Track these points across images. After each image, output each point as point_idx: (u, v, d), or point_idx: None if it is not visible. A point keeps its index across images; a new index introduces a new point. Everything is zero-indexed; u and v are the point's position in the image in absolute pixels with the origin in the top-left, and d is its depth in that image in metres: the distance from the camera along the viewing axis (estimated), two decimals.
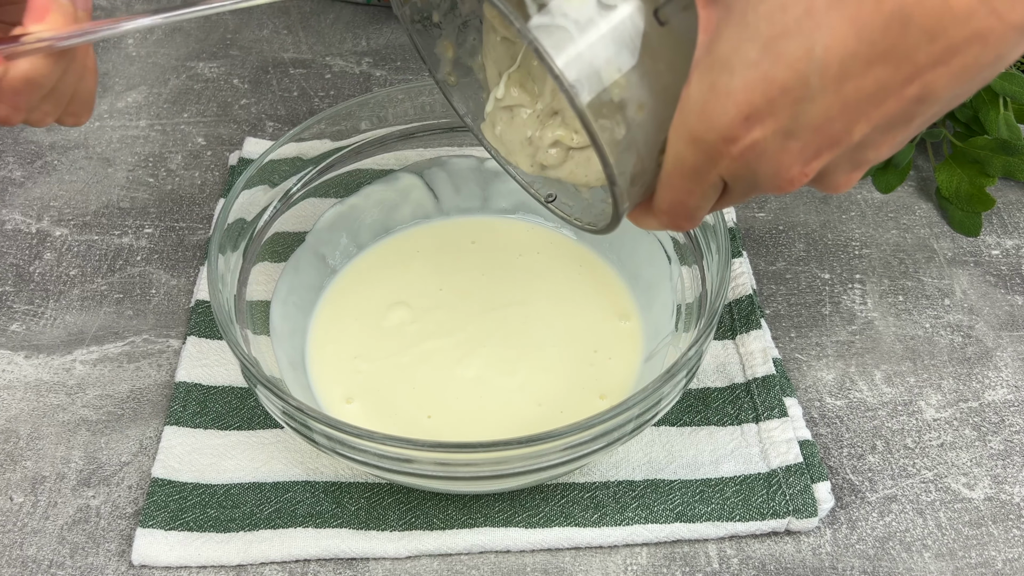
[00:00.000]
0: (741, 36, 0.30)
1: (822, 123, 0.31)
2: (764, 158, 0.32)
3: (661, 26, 0.33)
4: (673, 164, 0.34)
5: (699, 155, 0.33)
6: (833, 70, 0.29)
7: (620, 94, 0.34)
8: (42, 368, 0.54)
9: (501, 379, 0.50)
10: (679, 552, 0.45)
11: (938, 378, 0.53)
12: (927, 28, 0.28)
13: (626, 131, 0.34)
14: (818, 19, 0.28)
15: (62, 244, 0.61)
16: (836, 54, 0.29)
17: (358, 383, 0.50)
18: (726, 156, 0.32)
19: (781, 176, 0.32)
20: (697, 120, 0.32)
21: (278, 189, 0.52)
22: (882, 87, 0.29)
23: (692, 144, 0.32)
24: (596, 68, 0.33)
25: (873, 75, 0.29)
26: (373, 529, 0.45)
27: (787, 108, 0.30)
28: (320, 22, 0.80)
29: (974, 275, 0.58)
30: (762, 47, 0.29)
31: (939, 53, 0.28)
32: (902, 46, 0.28)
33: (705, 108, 0.31)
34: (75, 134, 0.69)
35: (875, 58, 0.29)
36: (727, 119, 0.31)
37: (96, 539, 0.46)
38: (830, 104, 0.30)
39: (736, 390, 0.51)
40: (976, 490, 0.48)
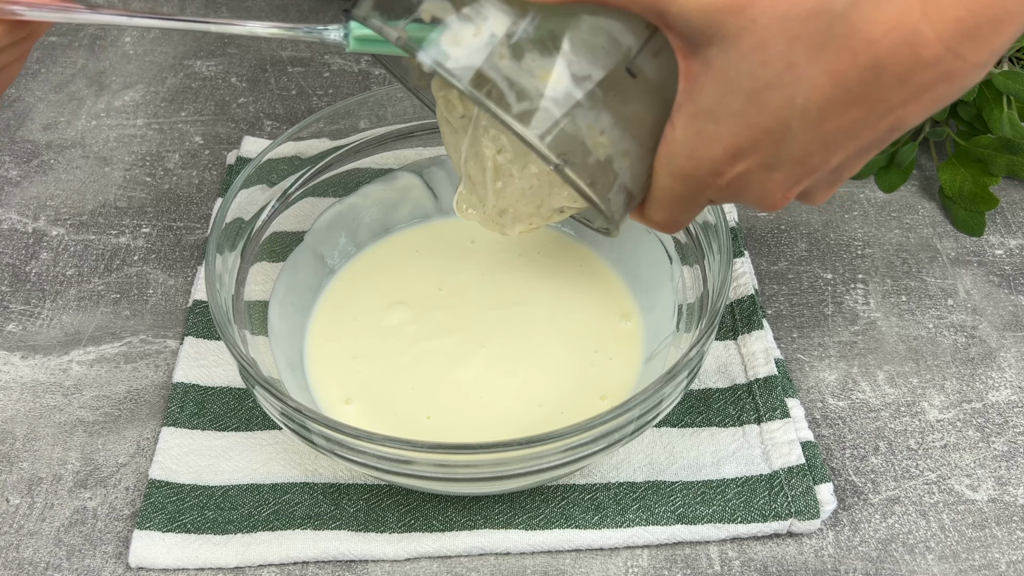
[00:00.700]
0: (723, 89, 0.32)
1: (802, 156, 0.34)
2: (749, 187, 0.36)
3: (633, 78, 0.36)
4: (662, 193, 0.37)
5: (687, 187, 0.36)
6: (813, 114, 0.32)
7: (605, 152, 0.36)
8: (38, 369, 0.54)
9: (501, 379, 0.50)
10: (680, 554, 0.45)
11: (941, 379, 0.53)
12: (898, 75, 0.31)
13: (615, 179, 0.37)
14: (798, 72, 0.31)
15: (59, 244, 0.61)
16: (815, 101, 0.32)
17: (357, 384, 0.50)
18: (713, 186, 0.36)
19: (764, 201, 0.36)
20: (685, 160, 0.35)
21: (276, 188, 0.52)
22: (858, 124, 0.33)
23: (680, 179, 0.36)
24: (580, 138, 0.36)
25: (849, 115, 0.32)
26: (372, 531, 0.45)
27: (770, 147, 0.34)
28: (318, 20, 0.80)
29: (978, 275, 0.58)
30: (745, 99, 0.32)
31: (909, 93, 0.31)
32: (876, 91, 0.31)
33: (693, 151, 0.34)
34: (72, 133, 0.69)
35: (851, 102, 0.32)
36: (714, 159, 0.34)
37: (93, 541, 0.46)
38: (810, 140, 0.33)
39: (738, 391, 0.51)
40: (980, 492, 0.48)
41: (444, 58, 0.34)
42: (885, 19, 0.29)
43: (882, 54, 0.30)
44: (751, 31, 0.31)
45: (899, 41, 0.30)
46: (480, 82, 0.35)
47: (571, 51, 0.35)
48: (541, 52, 0.35)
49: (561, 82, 0.35)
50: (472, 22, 0.34)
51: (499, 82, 0.35)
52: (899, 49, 0.30)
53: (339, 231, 0.56)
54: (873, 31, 0.30)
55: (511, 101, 0.35)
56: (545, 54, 0.35)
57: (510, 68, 0.35)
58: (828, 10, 0.30)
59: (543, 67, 0.35)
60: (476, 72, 0.35)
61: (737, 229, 0.60)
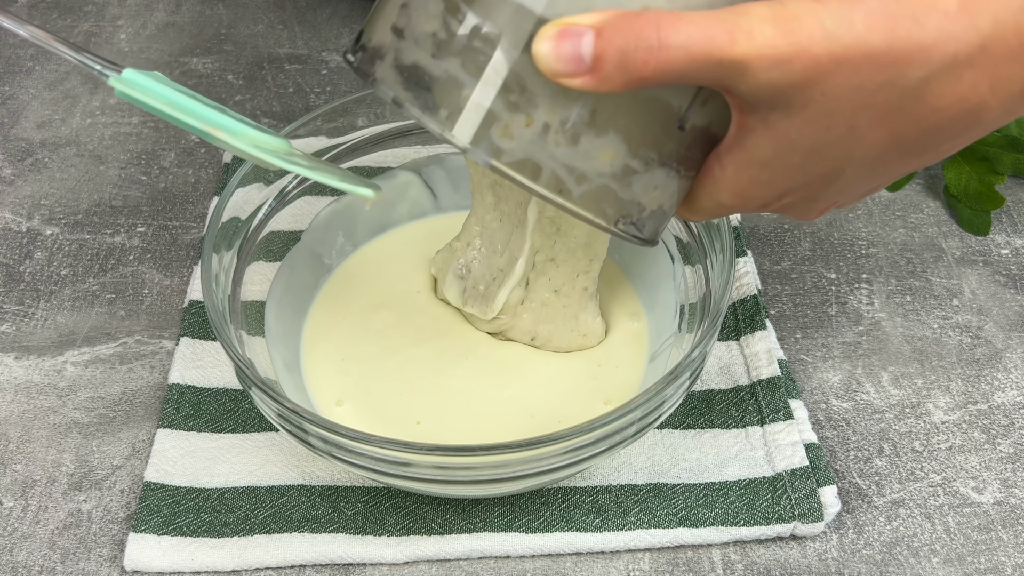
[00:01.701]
0: (782, 147, 0.33)
1: (846, 189, 0.36)
2: (789, 211, 0.38)
3: (682, 131, 0.35)
4: (700, 210, 0.38)
5: (727, 212, 0.38)
6: (868, 164, 0.34)
7: (658, 203, 0.37)
8: (32, 370, 0.54)
9: (491, 392, 0.50)
10: (682, 557, 0.45)
11: (946, 380, 0.53)
12: (955, 133, 0.33)
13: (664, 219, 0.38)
14: (860, 134, 0.32)
15: (53, 243, 0.61)
16: (873, 155, 0.33)
17: (347, 386, 0.50)
18: (756, 211, 0.38)
19: (800, 218, 0.39)
20: (732, 197, 0.36)
21: (273, 187, 0.52)
22: (905, 167, 0.35)
23: (723, 208, 0.37)
24: (636, 200, 0.36)
25: (901, 162, 0.34)
26: (370, 534, 0.45)
27: (819, 187, 0.35)
28: (316, 16, 0.80)
29: (983, 275, 0.58)
30: (804, 156, 0.33)
31: (959, 143, 0.34)
32: (932, 145, 0.33)
33: (742, 191, 0.35)
34: (66, 131, 0.69)
35: (906, 155, 0.34)
36: (763, 199, 0.36)
37: (88, 544, 0.46)
38: (858, 180, 0.35)
39: (740, 392, 0.51)
40: (985, 494, 0.48)
41: (497, 154, 0.33)
42: (954, 94, 0.31)
43: (945, 120, 0.32)
44: (819, 103, 0.31)
45: (964, 111, 0.31)
46: (536, 171, 0.34)
47: (626, 127, 0.34)
48: (597, 134, 0.34)
49: (619, 158, 0.34)
50: (522, 111, 0.33)
51: (557, 170, 0.34)
52: (963, 116, 0.31)
53: (337, 230, 0.56)
54: (941, 103, 0.31)
55: (571, 186, 0.34)
56: (600, 135, 0.34)
57: (566, 155, 0.33)
58: (900, 85, 0.30)
59: (600, 147, 0.34)
60: (532, 164, 0.33)
61: (740, 228, 0.60)
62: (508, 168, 0.33)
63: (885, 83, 0.30)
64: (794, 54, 0.29)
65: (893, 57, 0.29)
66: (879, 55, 0.29)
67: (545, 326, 0.50)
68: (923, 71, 0.30)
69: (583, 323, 0.51)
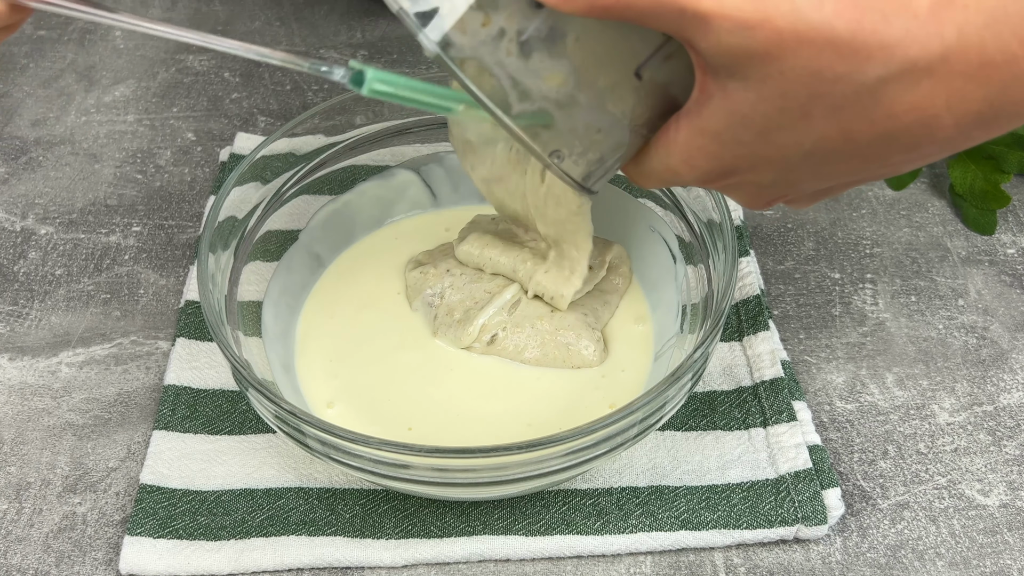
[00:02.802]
0: (735, 121, 0.33)
1: (794, 181, 0.36)
2: (734, 192, 0.38)
3: (639, 80, 0.36)
4: (650, 172, 0.39)
5: (675, 179, 0.38)
6: (816, 157, 0.34)
7: (600, 150, 0.38)
8: (27, 371, 0.54)
9: (483, 401, 0.49)
10: (684, 561, 0.45)
11: (952, 381, 0.53)
12: (908, 144, 0.33)
13: (606, 171, 0.39)
14: (813, 124, 0.32)
15: (47, 243, 0.61)
16: (822, 149, 0.33)
17: (336, 388, 0.50)
18: (699, 185, 0.38)
19: (746, 204, 0.39)
20: (681, 163, 0.36)
21: (270, 186, 0.52)
22: (856, 171, 0.35)
23: (671, 172, 0.37)
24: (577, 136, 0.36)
25: (850, 164, 0.34)
26: (368, 537, 0.45)
27: (766, 172, 0.35)
28: (314, 14, 0.80)
29: (989, 275, 0.58)
30: (755, 135, 0.33)
31: (913, 157, 0.34)
32: (882, 153, 0.33)
33: (690, 158, 0.36)
34: (61, 129, 0.69)
35: (856, 156, 0.34)
36: (709, 171, 0.36)
37: (82, 547, 0.46)
38: (806, 173, 0.35)
39: (743, 393, 0.51)
40: (991, 497, 0.48)
41: (447, 46, 0.34)
42: (910, 101, 0.31)
43: (898, 128, 0.32)
44: (776, 80, 0.31)
45: (918, 121, 0.31)
46: (480, 75, 0.35)
47: (581, 56, 0.35)
48: (550, 54, 0.34)
49: (566, 86, 0.35)
50: (482, 10, 0.34)
51: (503, 79, 0.35)
52: (916, 127, 0.31)
53: (334, 230, 0.56)
54: (896, 108, 0.31)
55: (512, 100, 0.35)
56: (554, 56, 0.35)
57: (515, 66, 0.34)
58: (858, 80, 0.30)
59: (550, 69, 0.35)
60: (479, 66, 0.34)
61: (742, 228, 0.60)
62: (453, 64, 0.34)
63: (844, 75, 0.30)
64: (758, 22, 0.30)
65: (855, 48, 0.30)
66: (841, 44, 0.30)
67: (533, 352, 0.50)
68: (882, 70, 0.30)
69: (574, 354, 0.50)
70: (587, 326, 0.50)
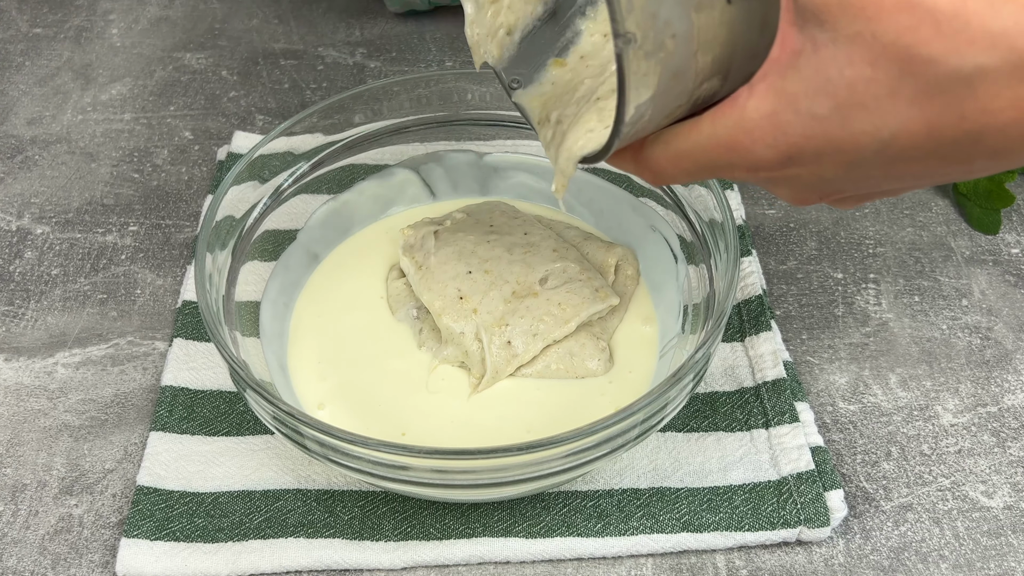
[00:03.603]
0: (817, 85, 0.30)
1: (857, 180, 0.33)
2: (786, 187, 0.34)
3: (728, 3, 0.33)
4: (693, 148, 0.34)
5: (722, 161, 0.34)
6: (892, 152, 0.31)
7: (663, 62, 0.33)
8: (22, 371, 0.54)
9: (481, 408, 0.49)
10: (686, 563, 0.45)
11: (955, 382, 0.53)
12: (996, 149, 0.30)
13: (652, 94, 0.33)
14: (898, 108, 0.30)
15: (43, 242, 0.61)
16: (901, 142, 0.30)
17: (326, 390, 0.50)
18: (748, 173, 0.34)
19: (792, 199, 0.35)
20: (743, 134, 0.33)
21: (268, 185, 0.52)
22: (929, 173, 0.32)
23: (724, 148, 0.33)
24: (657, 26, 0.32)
25: (925, 164, 0.31)
26: (367, 539, 0.45)
27: (832, 164, 0.32)
28: (312, 11, 0.80)
29: (993, 275, 0.58)
30: (834, 107, 0.30)
31: (994, 164, 0.31)
32: (965, 155, 0.30)
33: (755, 130, 0.32)
34: (57, 128, 0.69)
35: (935, 156, 0.31)
36: (771, 153, 0.32)
37: (79, 549, 0.46)
38: (874, 171, 0.32)
39: (745, 394, 0.51)
40: (995, 498, 0.48)
41: None
42: (1009, 96, 0.28)
43: (991, 127, 0.29)
44: (868, 43, 0.29)
45: (1013, 120, 0.29)
46: None
47: None
48: None
49: None
50: None
51: None
52: (1010, 127, 0.29)
53: (333, 229, 0.56)
54: (992, 104, 0.29)
55: None
56: None
57: None
58: (955, 65, 0.28)
59: None
60: None
61: (744, 227, 0.60)
62: None
63: (940, 56, 0.28)
64: None
65: (956, 28, 0.27)
66: (943, 20, 0.27)
67: (536, 366, 0.50)
68: (983, 58, 0.28)
69: (578, 366, 0.50)
70: (592, 337, 0.50)
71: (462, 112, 0.57)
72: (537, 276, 0.51)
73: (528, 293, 0.50)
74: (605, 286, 0.51)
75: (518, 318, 0.49)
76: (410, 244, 0.53)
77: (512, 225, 0.54)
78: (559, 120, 0.41)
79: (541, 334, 0.49)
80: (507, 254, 0.51)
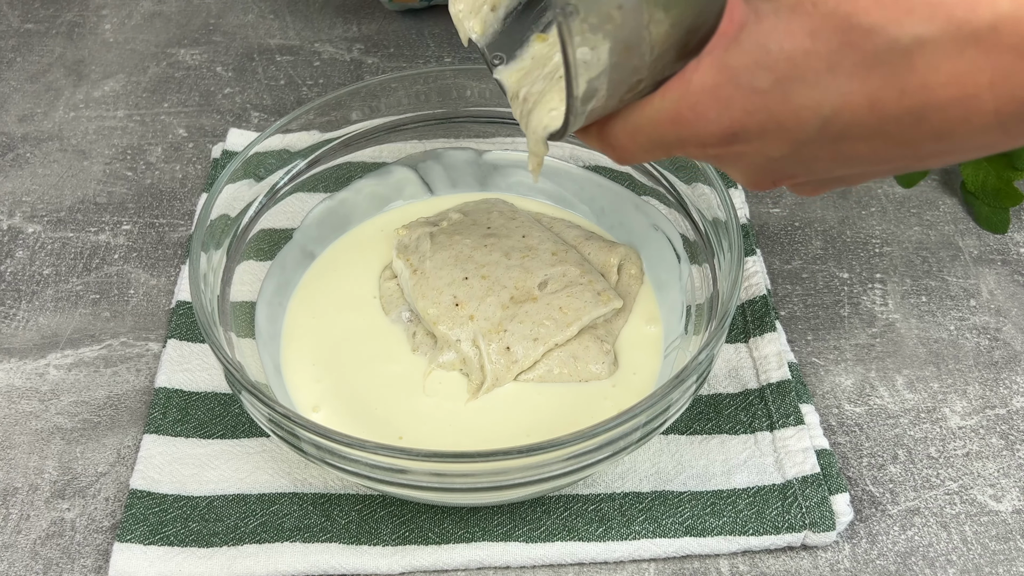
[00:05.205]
0: (758, 58, 0.30)
1: (805, 160, 0.33)
2: (737, 164, 0.34)
3: None
4: (645, 124, 0.35)
5: (673, 135, 0.34)
6: (834, 129, 0.31)
7: (609, 34, 0.33)
8: (14, 373, 0.54)
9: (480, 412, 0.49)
10: (689, 568, 0.45)
11: (963, 383, 0.53)
12: (939, 129, 0.29)
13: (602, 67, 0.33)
14: (838, 81, 0.29)
15: (35, 241, 0.61)
16: (843, 119, 0.30)
17: (320, 392, 0.50)
18: (697, 149, 0.34)
19: (746, 181, 0.35)
20: (687, 109, 0.33)
21: (264, 183, 0.52)
22: (876, 155, 0.32)
23: (672, 124, 0.34)
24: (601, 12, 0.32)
25: (871, 145, 0.31)
26: (364, 544, 0.45)
27: (775, 141, 0.32)
28: (308, 6, 0.80)
29: (1001, 274, 0.58)
30: (774, 81, 0.30)
31: (941, 148, 0.30)
32: (909, 135, 0.30)
33: (698, 104, 0.32)
34: (49, 125, 0.69)
35: (879, 135, 0.30)
36: (714, 128, 0.32)
37: (71, 554, 0.46)
38: (819, 150, 0.32)
39: (749, 396, 0.51)
40: (1004, 502, 0.48)
41: None
42: (948, 71, 0.28)
43: (931, 103, 0.29)
44: (808, 14, 0.29)
45: (953, 98, 0.28)
46: None
47: None
48: None
49: None
50: None
51: None
52: (951, 106, 0.29)
53: (330, 228, 0.56)
54: (931, 78, 0.28)
55: None
56: None
57: None
58: (893, 35, 0.28)
59: None
60: None
61: (749, 226, 0.60)
62: None
63: (878, 26, 0.28)
64: None
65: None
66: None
67: (538, 370, 0.49)
68: (921, 28, 0.28)
69: (582, 370, 0.49)
70: (596, 339, 0.50)
71: (461, 109, 0.57)
72: (536, 281, 0.50)
73: (527, 298, 0.50)
74: (608, 288, 0.51)
75: (517, 323, 0.49)
76: (404, 245, 0.53)
77: (510, 227, 0.54)
78: (525, 98, 0.41)
79: (542, 338, 0.49)
80: (504, 259, 0.51)
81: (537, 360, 0.49)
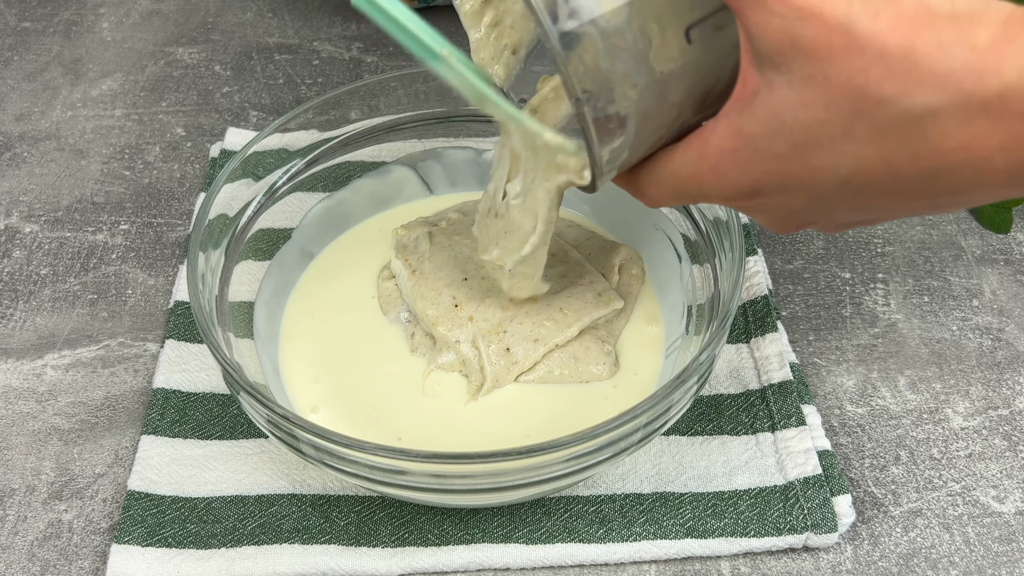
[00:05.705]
0: (774, 126, 0.32)
1: (824, 210, 0.35)
2: (760, 214, 0.37)
3: (688, 44, 0.35)
4: (669, 178, 0.37)
5: (697, 190, 0.36)
6: (852, 186, 0.32)
7: (627, 109, 0.35)
8: (11, 374, 0.54)
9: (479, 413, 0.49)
10: (690, 570, 0.45)
11: (966, 384, 0.53)
12: (954, 186, 0.31)
13: (624, 140, 0.36)
14: (854, 147, 0.31)
15: (32, 241, 0.61)
16: (861, 178, 0.32)
17: (319, 393, 0.49)
18: (721, 200, 0.36)
19: (771, 227, 0.38)
20: (709, 170, 0.35)
21: (262, 183, 0.52)
22: (892, 207, 0.34)
23: (695, 180, 0.36)
24: (611, 84, 0.34)
25: (890, 198, 0.33)
26: (364, 545, 0.45)
27: (797, 196, 0.34)
28: (307, 5, 0.80)
29: (1004, 274, 0.58)
30: (792, 147, 0.32)
31: (956, 200, 0.32)
32: (925, 191, 0.32)
33: (719, 165, 0.34)
34: (46, 124, 0.69)
35: (897, 191, 0.32)
36: (737, 183, 0.34)
37: (68, 556, 0.46)
38: (838, 203, 0.34)
39: (751, 397, 0.51)
40: (1006, 504, 0.48)
41: None
42: (960, 138, 0.29)
43: (945, 166, 0.30)
44: (821, 86, 0.30)
45: (966, 162, 0.30)
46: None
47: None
48: None
49: (618, 16, 0.33)
50: None
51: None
52: (964, 168, 0.30)
53: (329, 228, 0.56)
54: (943, 144, 0.30)
55: (560, 14, 0.33)
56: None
57: None
58: (905, 105, 0.29)
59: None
60: None
61: (750, 226, 0.60)
62: None
63: (891, 97, 0.29)
64: (811, 14, 0.29)
65: (906, 69, 0.29)
66: (892, 62, 0.29)
67: (539, 372, 0.49)
68: (933, 99, 0.29)
69: (583, 371, 0.49)
70: (597, 340, 0.50)
71: (460, 108, 0.57)
72: None
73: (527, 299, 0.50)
74: (608, 289, 0.51)
75: (517, 324, 0.49)
76: (403, 245, 0.53)
77: None
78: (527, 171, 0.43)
79: (542, 339, 0.49)
80: None
81: (537, 361, 0.49)
